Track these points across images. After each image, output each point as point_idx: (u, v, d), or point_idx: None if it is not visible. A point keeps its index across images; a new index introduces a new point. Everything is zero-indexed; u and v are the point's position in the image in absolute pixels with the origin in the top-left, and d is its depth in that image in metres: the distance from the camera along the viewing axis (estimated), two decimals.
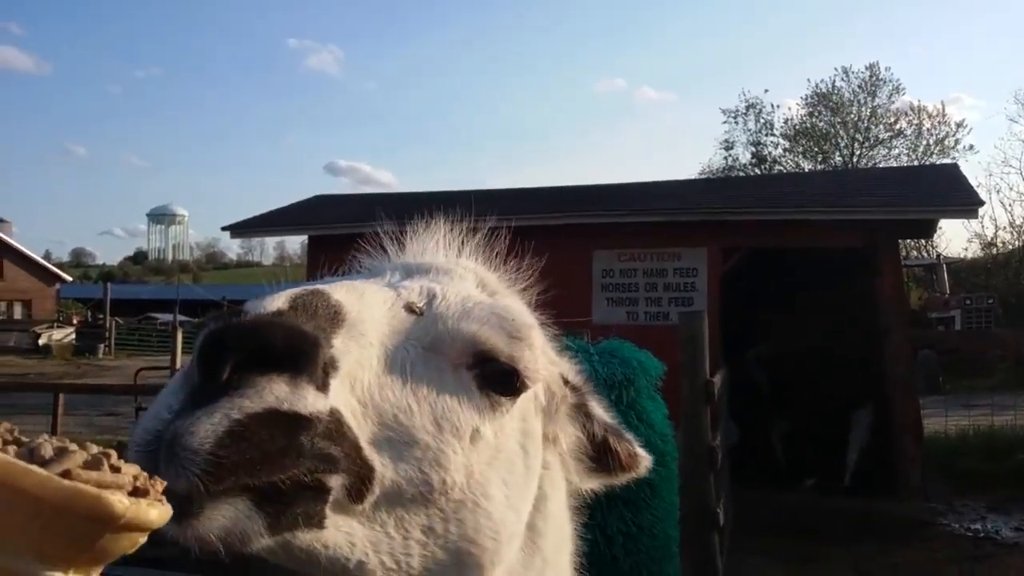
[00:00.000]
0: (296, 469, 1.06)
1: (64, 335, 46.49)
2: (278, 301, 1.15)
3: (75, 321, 51.82)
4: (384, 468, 1.16)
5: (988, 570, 9.24)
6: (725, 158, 46.71)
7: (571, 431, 1.51)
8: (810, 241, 12.69)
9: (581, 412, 1.53)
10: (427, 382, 1.24)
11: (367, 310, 1.24)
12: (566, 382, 1.53)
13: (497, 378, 1.29)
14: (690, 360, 7.30)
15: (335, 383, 1.13)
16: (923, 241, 33.56)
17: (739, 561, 8.39)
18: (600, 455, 1.54)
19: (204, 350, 1.06)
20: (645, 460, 1.58)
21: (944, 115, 44.73)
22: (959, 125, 44.38)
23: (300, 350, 1.08)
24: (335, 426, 1.11)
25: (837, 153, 45.28)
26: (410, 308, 1.31)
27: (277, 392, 1.06)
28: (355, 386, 1.16)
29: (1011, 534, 10.90)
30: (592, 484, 1.58)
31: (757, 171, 42.91)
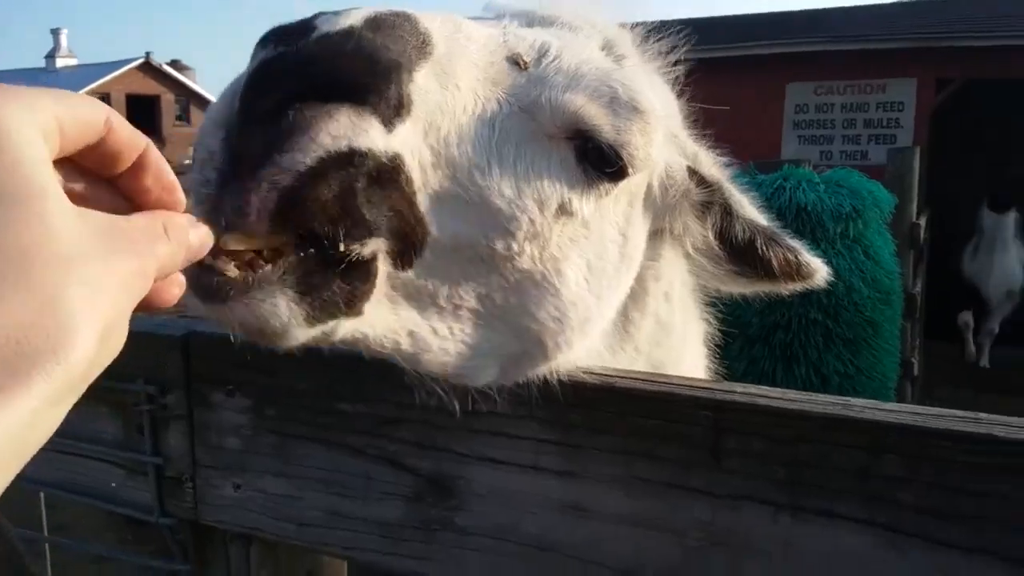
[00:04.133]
0: (346, 227, 0.94)
1: None
2: (352, 17, 0.98)
3: None
4: (442, 231, 1.04)
5: None
6: None
7: (697, 229, 1.38)
8: None
9: (714, 210, 1.39)
10: (516, 143, 1.10)
11: (462, 48, 1.08)
12: (693, 174, 1.37)
13: (598, 156, 1.15)
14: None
15: (406, 125, 0.98)
16: None
17: None
18: (744, 258, 1.40)
19: (251, 84, 0.93)
20: (816, 271, 1.41)
21: None
22: None
23: (368, 79, 0.94)
24: (393, 175, 0.97)
25: None
26: (514, 60, 1.14)
27: (334, 129, 0.91)
28: (429, 132, 1.02)
29: None
30: (737, 288, 1.47)
31: None
